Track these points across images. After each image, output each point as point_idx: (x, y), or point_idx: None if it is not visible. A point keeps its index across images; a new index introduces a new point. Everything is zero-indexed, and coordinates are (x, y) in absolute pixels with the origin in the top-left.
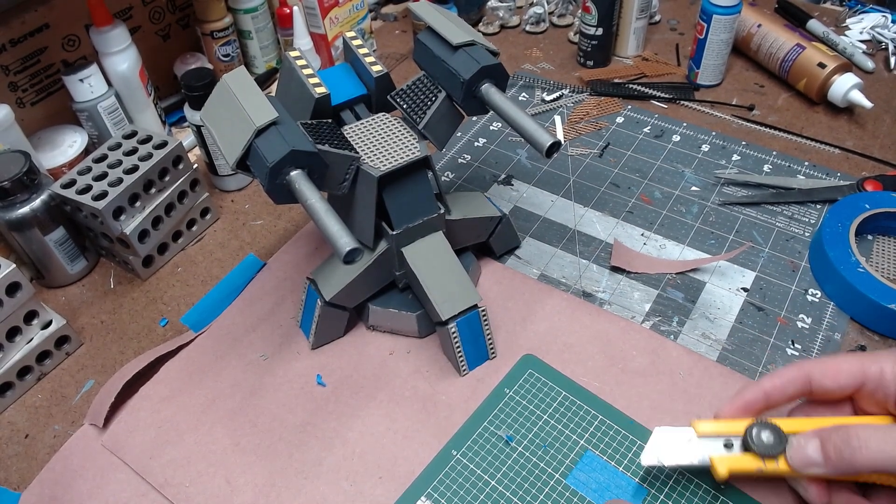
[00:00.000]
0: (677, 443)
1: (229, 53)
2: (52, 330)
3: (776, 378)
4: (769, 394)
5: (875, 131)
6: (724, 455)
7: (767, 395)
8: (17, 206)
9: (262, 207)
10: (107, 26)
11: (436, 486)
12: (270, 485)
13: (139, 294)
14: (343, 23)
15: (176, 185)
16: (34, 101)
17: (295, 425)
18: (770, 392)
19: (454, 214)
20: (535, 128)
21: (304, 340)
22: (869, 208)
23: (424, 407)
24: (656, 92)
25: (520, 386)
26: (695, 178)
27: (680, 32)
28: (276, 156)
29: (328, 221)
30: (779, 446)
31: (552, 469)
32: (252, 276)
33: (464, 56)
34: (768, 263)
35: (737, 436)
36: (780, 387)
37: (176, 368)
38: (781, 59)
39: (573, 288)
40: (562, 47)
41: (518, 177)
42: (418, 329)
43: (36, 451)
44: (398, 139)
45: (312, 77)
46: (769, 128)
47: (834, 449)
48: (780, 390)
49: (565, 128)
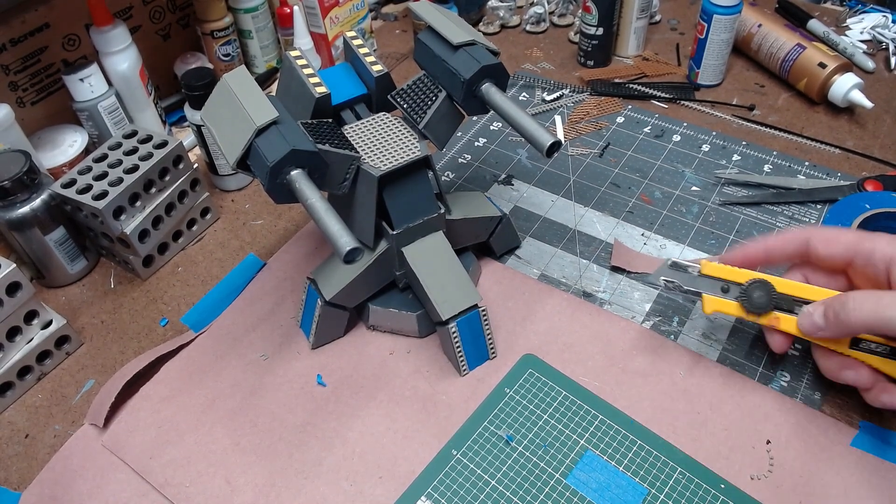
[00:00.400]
0: (683, 273)
1: (229, 53)
2: (52, 330)
3: (778, 237)
4: (769, 249)
5: (875, 131)
6: (716, 297)
7: (768, 251)
8: (18, 206)
9: (263, 207)
10: (107, 26)
11: (436, 486)
12: (270, 485)
13: (139, 294)
14: (343, 22)
15: (176, 184)
16: (34, 101)
17: (295, 425)
18: (770, 248)
19: (454, 214)
20: (536, 127)
21: (304, 340)
22: (869, 208)
23: (424, 407)
24: (656, 92)
25: (520, 386)
26: (695, 178)
27: (680, 32)
28: (277, 155)
29: (328, 221)
30: (768, 306)
31: (552, 469)
32: (252, 276)
33: (464, 56)
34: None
35: (735, 283)
36: (781, 245)
37: (176, 368)
38: (782, 59)
39: (573, 288)
40: (562, 47)
41: (518, 177)
42: (418, 329)
43: (36, 451)
44: (398, 139)
45: (313, 77)
46: (769, 128)
47: (833, 312)
48: (780, 248)
49: (565, 128)
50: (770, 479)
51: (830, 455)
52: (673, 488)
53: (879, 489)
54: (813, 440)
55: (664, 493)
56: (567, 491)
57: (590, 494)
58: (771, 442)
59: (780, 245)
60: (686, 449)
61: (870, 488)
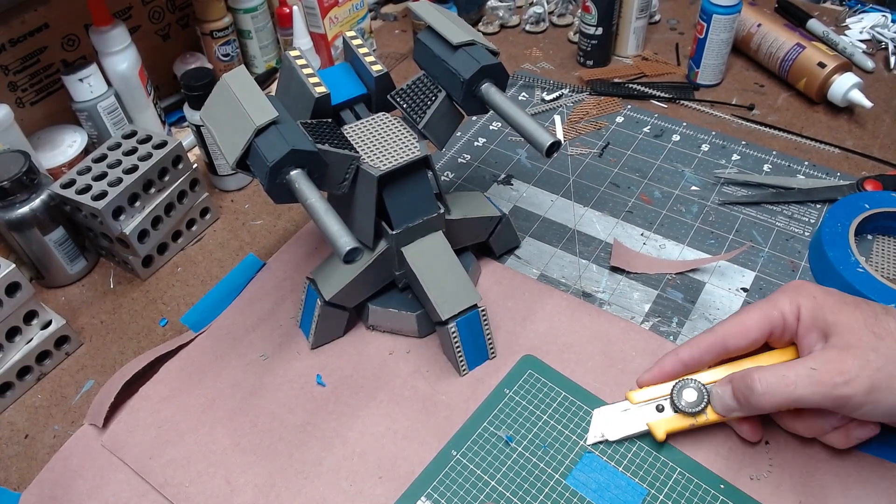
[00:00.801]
0: (616, 417)
1: (229, 53)
2: (51, 330)
3: (693, 348)
4: (687, 364)
5: (875, 131)
6: (659, 419)
7: (685, 363)
8: (17, 206)
9: (262, 207)
10: (106, 26)
11: (436, 486)
12: (270, 485)
13: (139, 294)
14: (343, 22)
15: (176, 184)
16: (34, 101)
17: (295, 425)
18: (688, 363)
19: (454, 214)
20: (535, 127)
21: (304, 340)
22: (869, 208)
23: (424, 407)
24: (656, 91)
25: (520, 386)
26: (695, 178)
27: (680, 32)
28: (276, 155)
29: (328, 221)
30: (701, 402)
31: (552, 469)
32: (252, 276)
33: (464, 55)
34: (768, 263)
35: (665, 397)
36: (698, 356)
37: (176, 368)
38: (781, 59)
39: (573, 288)
40: (562, 47)
41: (518, 176)
42: (418, 329)
43: (36, 451)
44: (398, 139)
45: (312, 76)
46: (769, 127)
47: (742, 396)
48: (698, 360)
49: (565, 127)
50: (769, 479)
51: (830, 455)
52: (672, 488)
53: (879, 489)
54: (813, 440)
55: (664, 494)
56: (567, 491)
57: (589, 495)
58: (770, 442)
59: (696, 357)
60: (686, 449)
61: (870, 488)
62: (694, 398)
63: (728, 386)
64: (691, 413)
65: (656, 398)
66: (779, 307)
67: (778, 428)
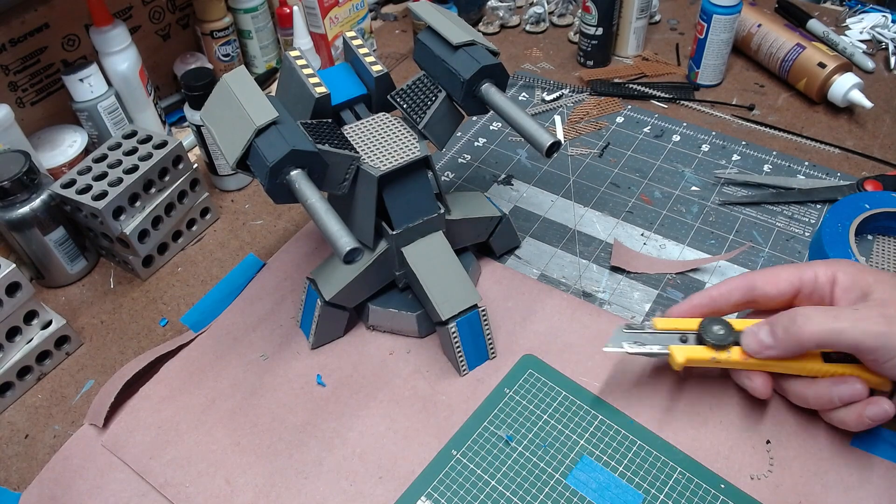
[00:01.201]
0: (639, 335)
1: (229, 53)
2: (51, 330)
3: (722, 286)
4: (715, 299)
5: (875, 131)
6: (682, 346)
7: (714, 300)
8: (17, 206)
9: (262, 207)
10: (107, 26)
11: (436, 486)
12: (270, 485)
13: (139, 294)
14: (343, 22)
15: (176, 184)
16: (34, 101)
17: (295, 425)
18: (716, 298)
19: (454, 214)
20: (535, 127)
21: (304, 340)
22: (869, 208)
23: (424, 407)
24: (656, 92)
25: (520, 386)
26: (695, 178)
27: (680, 32)
28: (277, 155)
29: (328, 221)
30: (729, 337)
31: (552, 469)
32: (252, 276)
33: (464, 56)
34: (768, 263)
35: (691, 332)
36: (726, 293)
37: (176, 368)
38: (781, 59)
39: (573, 288)
40: (562, 47)
41: (518, 177)
42: (418, 329)
43: (36, 451)
44: (398, 139)
45: (312, 77)
46: (769, 128)
47: (782, 329)
48: (726, 296)
49: (565, 128)
50: (770, 479)
51: (830, 455)
52: (673, 488)
53: (879, 489)
54: (813, 440)
55: (664, 493)
56: (567, 491)
57: (590, 494)
58: (771, 442)
59: (725, 294)
60: (686, 449)
61: (870, 488)
62: (723, 333)
63: (765, 324)
64: (716, 346)
65: (681, 329)
66: (813, 268)
67: (778, 428)
